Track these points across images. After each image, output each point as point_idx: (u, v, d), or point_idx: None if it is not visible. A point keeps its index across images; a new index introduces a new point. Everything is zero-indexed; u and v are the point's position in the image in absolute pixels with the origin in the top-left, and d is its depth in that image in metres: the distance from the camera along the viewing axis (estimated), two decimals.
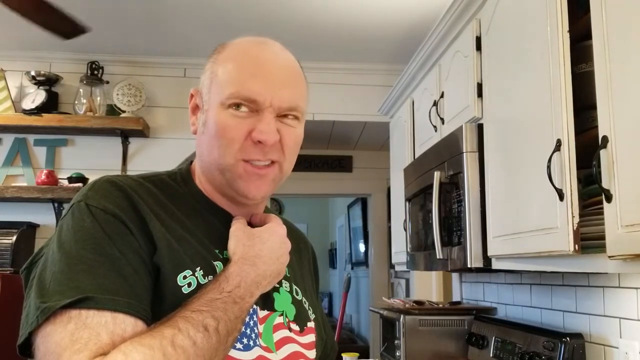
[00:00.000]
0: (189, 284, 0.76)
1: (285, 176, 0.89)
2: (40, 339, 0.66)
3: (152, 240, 0.75)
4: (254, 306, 0.82)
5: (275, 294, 0.88)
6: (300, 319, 0.91)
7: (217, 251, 0.84)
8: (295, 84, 0.86)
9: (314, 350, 0.92)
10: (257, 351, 0.81)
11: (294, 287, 0.94)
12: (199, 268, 0.78)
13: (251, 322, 0.82)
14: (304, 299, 0.95)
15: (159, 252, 0.75)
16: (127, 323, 0.67)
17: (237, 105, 0.82)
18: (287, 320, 0.87)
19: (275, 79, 0.83)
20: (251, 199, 0.87)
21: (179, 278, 0.76)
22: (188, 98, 0.91)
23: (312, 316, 0.95)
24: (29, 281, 0.74)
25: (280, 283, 0.90)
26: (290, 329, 0.87)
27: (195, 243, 0.81)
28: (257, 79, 0.82)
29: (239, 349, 0.78)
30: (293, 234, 1.05)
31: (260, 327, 0.83)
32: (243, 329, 0.79)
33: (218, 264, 0.81)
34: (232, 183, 0.84)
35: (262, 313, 0.85)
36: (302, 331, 0.90)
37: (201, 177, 0.90)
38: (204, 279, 0.78)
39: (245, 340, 0.80)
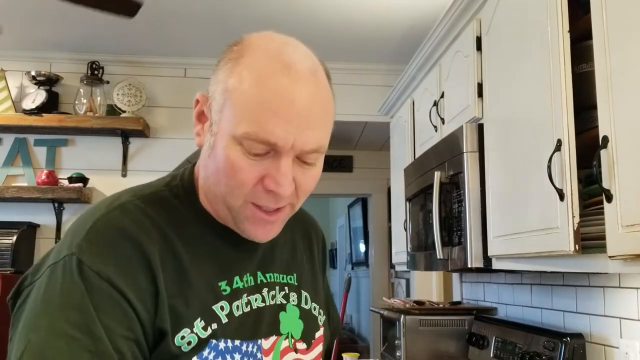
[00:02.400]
0: (189, 343, 0.71)
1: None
2: None
3: (157, 300, 0.69)
4: (258, 341, 0.78)
5: (281, 314, 0.82)
6: (308, 333, 0.86)
7: (223, 284, 0.77)
8: (322, 121, 0.74)
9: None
10: None
11: (304, 294, 0.88)
12: (199, 319, 0.72)
13: None
14: (313, 305, 0.89)
15: (162, 315, 0.70)
16: None
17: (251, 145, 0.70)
18: (292, 341, 0.82)
19: (301, 119, 0.70)
20: (258, 242, 0.79)
21: (177, 339, 0.70)
22: (193, 103, 0.79)
23: (322, 320, 0.91)
24: (15, 310, 0.70)
25: (287, 298, 0.85)
26: (296, 350, 0.83)
27: (198, 284, 0.74)
28: (279, 119, 0.68)
29: None
30: (303, 224, 0.98)
31: (268, 358, 0.79)
32: None
33: (219, 306, 0.75)
34: (238, 223, 0.76)
35: (268, 343, 0.79)
36: (309, 347, 0.85)
37: (207, 196, 0.80)
38: (204, 331, 0.72)
39: None
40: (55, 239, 3.20)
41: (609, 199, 1.11)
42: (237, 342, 0.75)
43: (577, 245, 1.24)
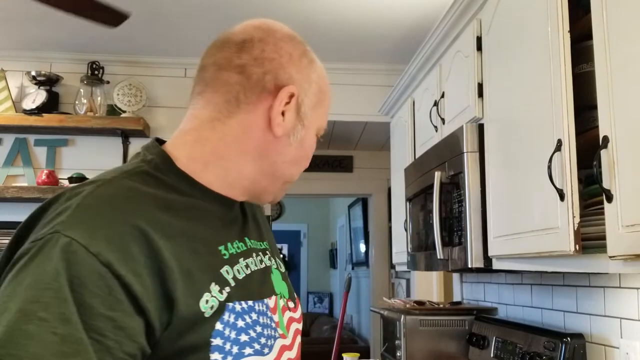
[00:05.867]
0: (212, 307, 0.70)
1: None
2: None
3: (162, 270, 0.66)
4: (264, 300, 0.80)
5: (272, 276, 0.86)
6: (291, 293, 0.91)
7: (222, 248, 0.77)
8: None
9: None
10: (278, 343, 0.79)
11: (276, 259, 0.92)
12: (213, 283, 0.72)
13: (267, 320, 0.79)
14: (280, 265, 0.93)
15: (172, 284, 0.67)
16: None
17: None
18: (285, 301, 0.87)
19: None
20: (262, 203, 0.92)
21: (202, 304, 0.69)
22: (286, 95, 0.81)
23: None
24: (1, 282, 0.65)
25: (270, 261, 0.88)
26: (289, 309, 0.87)
27: (203, 248, 0.74)
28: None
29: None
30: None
31: (276, 316, 0.82)
32: (263, 333, 0.76)
33: (225, 270, 0.75)
34: (267, 194, 0.87)
35: (272, 302, 0.82)
36: (295, 306, 0.90)
37: (216, 170, 0.81)
38: (221, 294, 0.72)
39: (268, 343, 0.77)
40: None
41: (609, 199, 1.11)
42: (250, 303, 0.76)
43: (577, 246, 1.24)
